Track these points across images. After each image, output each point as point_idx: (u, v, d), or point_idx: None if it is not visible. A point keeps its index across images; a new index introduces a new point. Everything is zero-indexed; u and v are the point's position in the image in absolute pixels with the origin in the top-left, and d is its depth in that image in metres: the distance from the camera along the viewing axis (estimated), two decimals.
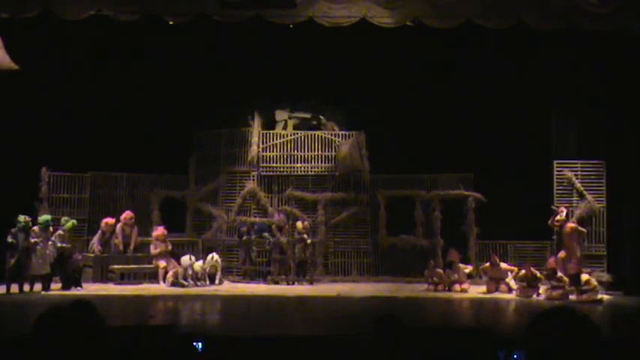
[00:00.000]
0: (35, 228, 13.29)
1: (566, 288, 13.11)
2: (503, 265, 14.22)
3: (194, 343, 4.83)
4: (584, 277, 12.95)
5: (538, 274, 13.46)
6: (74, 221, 14.14)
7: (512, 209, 15.23)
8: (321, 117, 16.64)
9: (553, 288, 13.11)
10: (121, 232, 15.39)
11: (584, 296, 12.64)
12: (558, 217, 14.17)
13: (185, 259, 14.51)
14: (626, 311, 12.33)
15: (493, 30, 13.53)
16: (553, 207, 14.45)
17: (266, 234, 15.58)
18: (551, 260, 13.63)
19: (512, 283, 13.88)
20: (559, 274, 13.24)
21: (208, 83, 15.84)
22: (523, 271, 13.58)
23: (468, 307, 12.61)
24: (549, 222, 14.36)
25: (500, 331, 8.99)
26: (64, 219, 13.99)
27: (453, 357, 5.71)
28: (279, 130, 16.58)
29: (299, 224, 15.41)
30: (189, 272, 14.44)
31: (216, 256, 14.93)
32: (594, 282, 12.90)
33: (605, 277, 14.01)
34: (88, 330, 2.38)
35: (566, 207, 14.51)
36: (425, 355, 5.06)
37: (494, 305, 12.67)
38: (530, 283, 13.40)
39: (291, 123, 16.66)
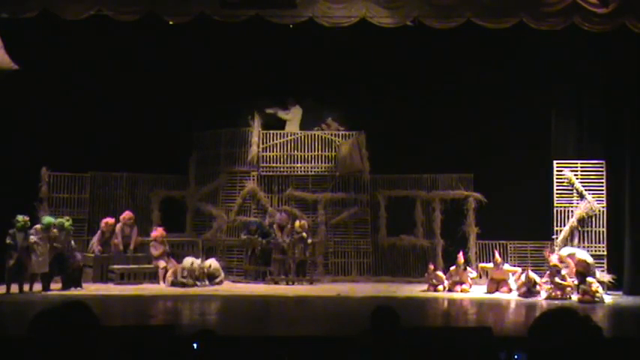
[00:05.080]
0: (37, 226, 13.30)
1: (568, 288, 13.10)
2: (505, 266, 14.18)
3: (192, 343, 4.83)
4: (590, 279, 12.93)
5: (537, 280, 13.38)
6: (63, 220, 13.95)
7: (512, 209, 15.22)
8: (323, 125, 16.60)
9: (556, 287, 13.10)
10: (120, 232, 15.39)
11: (586, 296, 12.65)
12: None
13: (187, 262, 14.48)
14: (626, 311, 12.33)
15: (493, 30, 13.53)
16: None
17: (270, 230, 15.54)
18: (551, 257, 13.60)
19: (513, 285, 13.86)
20: (563, 272, 13.21)
21: (208, 83, 15.83)
22: (521, 280, 13.50)
23: (468, 307, 12.61)
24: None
25: (500, 331, 8.99)
26: (58, 220, 13.91)
27: (454, 357, 5.71)
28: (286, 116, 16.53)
29: (296, 223, 15.40)
30: (186, 273, 14.41)
31: (214, 264, 14.89)
32: (597, 288, 12.86)
33: (605, 277, 14.00)
34: (82, 330, 2.38)
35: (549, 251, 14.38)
36: (425, 354, 5.06)
37: (495, 305, 12.67)
38: (529, 289, 13.34)
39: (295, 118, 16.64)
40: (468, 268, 14.52)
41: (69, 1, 13.20)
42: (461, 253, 14.54)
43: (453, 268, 14.39)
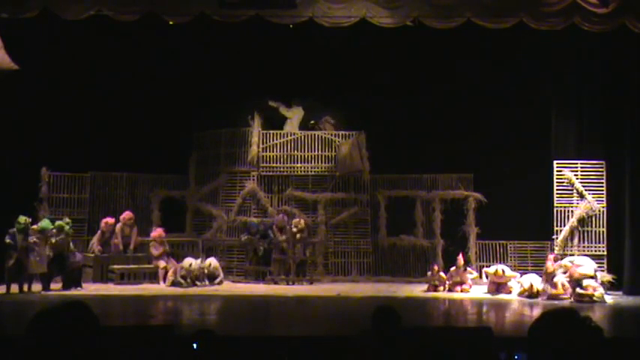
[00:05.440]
0: (34, 227, 13.29)
1: (566, 292, 13.07)
2: (507, 271, 14.01)
3: (192, 343, 4.83)
4: (587, 283, 12.92)
5: (538, 289, 13.35)
6: (62, 224, 13.89)
7: (512, 209, 15.21)
8: (313, 121, 16.62)
9: (553, 288, 13.11)
10: (120, 232, 15.37)
11: (585, 298, 12.65)
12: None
13: (185, 263, 14.46)
14: (626, 311, 12.33)
15: (493, 30, 13.53)
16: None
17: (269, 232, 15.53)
18: (548, 262, 13.55)
19: (515, 285, 13.84)
20: (557, 278, 13.17)
21: (208, 83, 15.83)
22: (524, 287, 13.46)
23: (468, 307, 12.61)
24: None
25: (500, 331, 8.99)
26: (57, 223, 13.88)
27: (454, 357, 5.70)
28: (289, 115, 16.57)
29: (294, 221, 15.39)
30: (184, 272, 14.39)
31: (214, 262, 14.88)
32: (596, 291, 12.83)
33: (606, 277, 13.99)
34: (82, 330, 2.38)
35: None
36: (425, 354, 5.06)
37: (495, 305, 12.67)
38: (530, 296, 13.32)
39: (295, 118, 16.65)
40: (469, 269, 14.51)
41: (69, 1, 13.20)
42: (461, 255, 14.50)
43: (453, 268, 14.37)
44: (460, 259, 14.31)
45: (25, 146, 14.72)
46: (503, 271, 13.88)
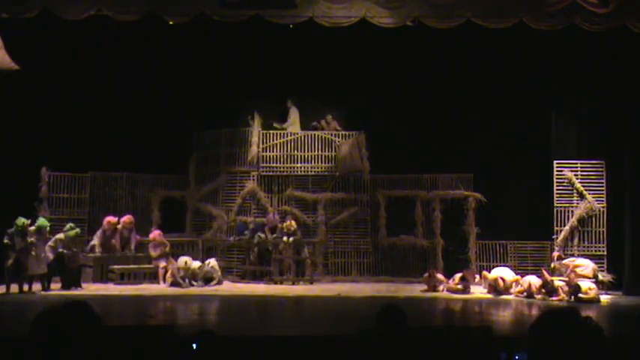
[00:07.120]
0: (32, 228, 13.27)
1: (563, 296, 13.06)
2: (507, 281, 13.96)
3: (192, 344, 4.83)
4: (584, 286, 12.91)
5: (537, 288, 13.36)
6: (78, 230, 14.02)
7: (512, 209, 15.22)
8: (322, 122, 16.64)
9: (550, 295, 13.16)
10: (119, 234, 15.32)
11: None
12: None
13: (181, 262, 14.45)
14: (625, 311, 12.33)
15: (493, 30, 13.53)
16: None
17: (261, 234, 15.51)
18: (547, 273, 13.55)
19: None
20: (556, 284, 13.16)
21: (208, 83, 15.83)
22: (522, 287, 13.47)
23: (468, 307, 12.61)
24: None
25: (500, 331, 8.99)
26: (69, 225, 13.92)
27: (454, 357, 5.70)
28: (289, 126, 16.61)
29: (285, 224, 15.38)
30: (182, 273, 14.38)
31: (213, 262, 14.88)
32: (593, 293, 12.83)
33: (606, 277, 13.99)
34: (84, 330, 2.38)
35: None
36: (425, 354, 5.05)
37: (495, 305, 12.66)
38: (529, 295, 13.34)
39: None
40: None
41: (69, 1, 13.20)
42: (470, 274, 14.40)
43: (457, 276, 14.25)
44: (469, 277, 14.22)
45: (25, 146, 14.72)
46: (503, 280, 13.78)
